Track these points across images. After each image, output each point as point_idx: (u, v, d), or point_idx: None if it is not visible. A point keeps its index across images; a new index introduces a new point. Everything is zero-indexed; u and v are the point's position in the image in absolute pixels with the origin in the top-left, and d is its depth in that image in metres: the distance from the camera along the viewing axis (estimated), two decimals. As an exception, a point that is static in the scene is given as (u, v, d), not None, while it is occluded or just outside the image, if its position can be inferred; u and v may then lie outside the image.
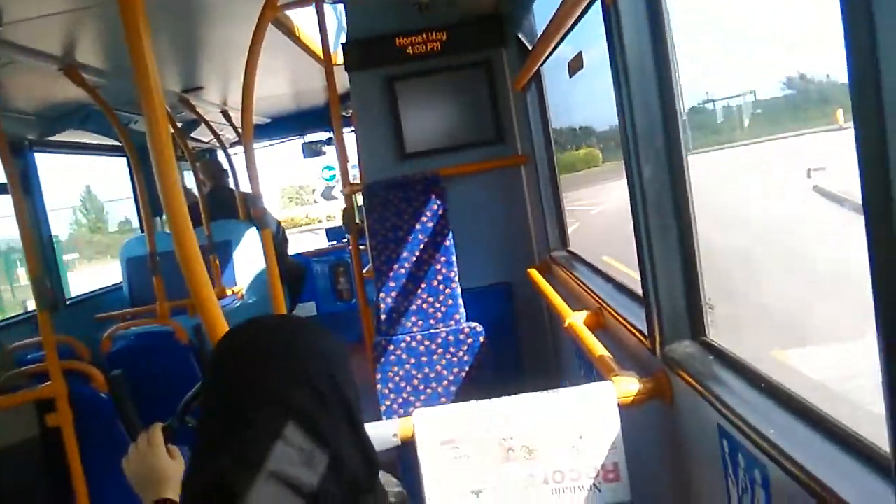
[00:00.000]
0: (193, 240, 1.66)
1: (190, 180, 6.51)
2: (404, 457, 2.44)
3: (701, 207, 1.73)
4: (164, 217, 1.70)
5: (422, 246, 3.74)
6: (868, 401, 1.25)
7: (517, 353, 4.01)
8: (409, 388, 3.69)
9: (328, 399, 1.11)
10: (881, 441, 0.97)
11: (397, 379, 3.68)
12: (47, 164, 5.25)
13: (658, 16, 1.69)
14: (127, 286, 5.71)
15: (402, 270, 3.76)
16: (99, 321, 5.09)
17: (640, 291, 1.93)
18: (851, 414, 1.20)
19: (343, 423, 1.12)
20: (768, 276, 2.72)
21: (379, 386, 3.67)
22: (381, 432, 1.85)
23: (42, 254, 4.73)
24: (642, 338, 1.95)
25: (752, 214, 3.16)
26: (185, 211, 1.65)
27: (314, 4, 3.65)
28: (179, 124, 5.88)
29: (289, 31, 3.90)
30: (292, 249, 7.27)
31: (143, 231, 5.55)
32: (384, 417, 3.60)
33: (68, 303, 5.18)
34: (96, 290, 5.84)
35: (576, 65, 2.49)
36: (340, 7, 4.06)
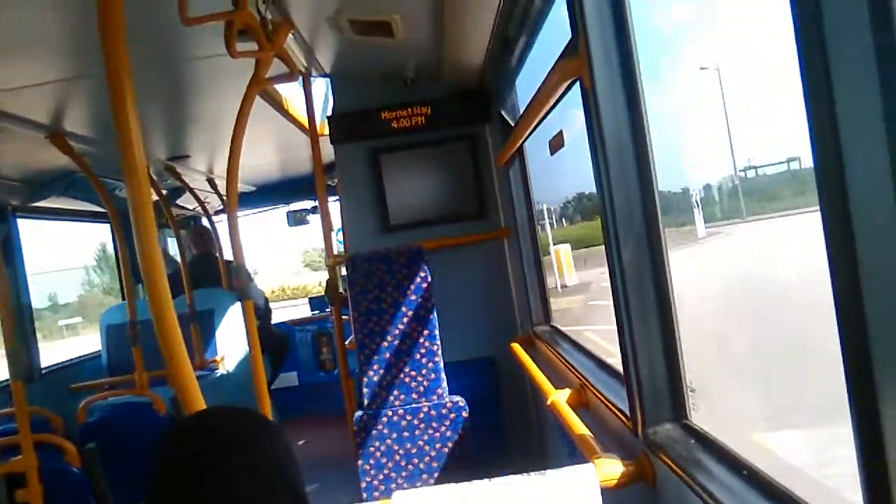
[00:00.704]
0: (171, 309, 1.65)
1: (173, 248, 6.48)
2: None
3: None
4: (145, 285, 1.70)
5: (405, 318, 3.72)
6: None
7: (500, 427, 3.96)
8: (390, 464, 3.62)
9: (279, 494, 1.13)
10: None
11: (378, 454, 3.61)
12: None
13: (635, 98, 1.72)
14: (105, 354, 5.62)
15: (385, 343, 3.73)
16: (75, 391, 4.99)
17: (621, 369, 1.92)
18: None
19: None
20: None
21: (360, 461, 3.60)
22: None
23: (19, 323, 4.66)
24: (624, 419, 1.92)
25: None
26: (164, 279, 1.65)
27: (301, 79, 3.71)
28: (165, 191, 5.88)
29: (276, 102, 3.96)
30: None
31: (124, 298, 5.49)
32: (364, 494, 3.52)
33: (44, 371, 5.08)
34: (73, 359, 5.73)
35: (557, 143, 2.52)
36: (327, 80, 4.13)
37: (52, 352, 5.66)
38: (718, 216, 3.60)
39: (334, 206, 5.16)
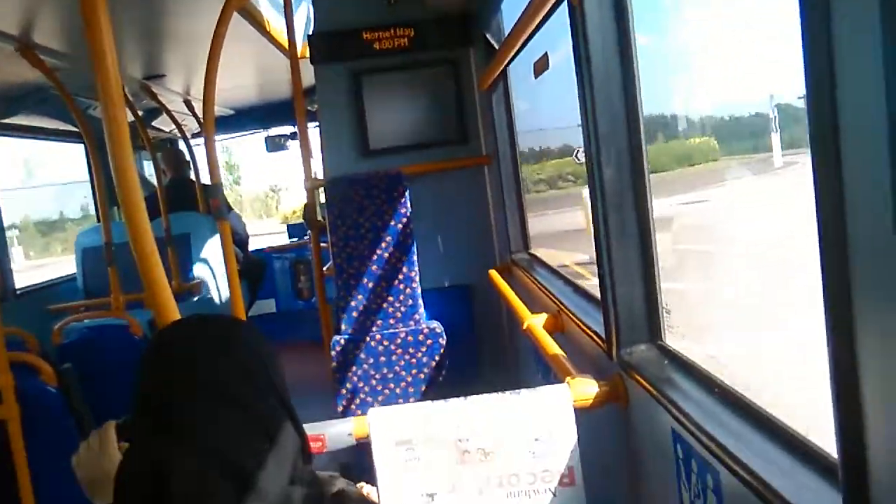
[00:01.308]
0: (149, 232, 1.63)
1: (150, 170, 6.38)
2: (360, 456, 2.42)
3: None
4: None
5: (383, 244, 3.71)
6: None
7: (476, 354, 4.00)
8: (366, 389, 3.66)
9: (265, 393, 1.14)
10: (830, 447, 0.97)
11: (355, 379, 3.65)
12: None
13: (624, 16, 1.69)
14: (81, 277, 5.57)
15: (363, 269, 3.72)
16: (51, 313, 4.96)
17: (598, 295, 1.93)
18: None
19: (280, 414, 1.14)
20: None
21: (337, 385, 3.63)
22: (337, 430, 1.83)
23: None
24: (599, 341, 1.94)
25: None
26: (141, 202, 1.62)
27: None
28: (140, 112, 5.75)
29: (255, 20, 3.85)
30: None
31: (99, 220, 5.42)
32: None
33: (18, 293, 5.04)
34: (48, 281, 5.69)
35: (541, 66, 2.48)
36: (308, -1, 4.02)
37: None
38: (798, 143, 2.81)
39: (313, 132, 5.09)
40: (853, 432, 0.82)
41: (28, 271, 11.84)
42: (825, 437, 1.03)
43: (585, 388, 1.78)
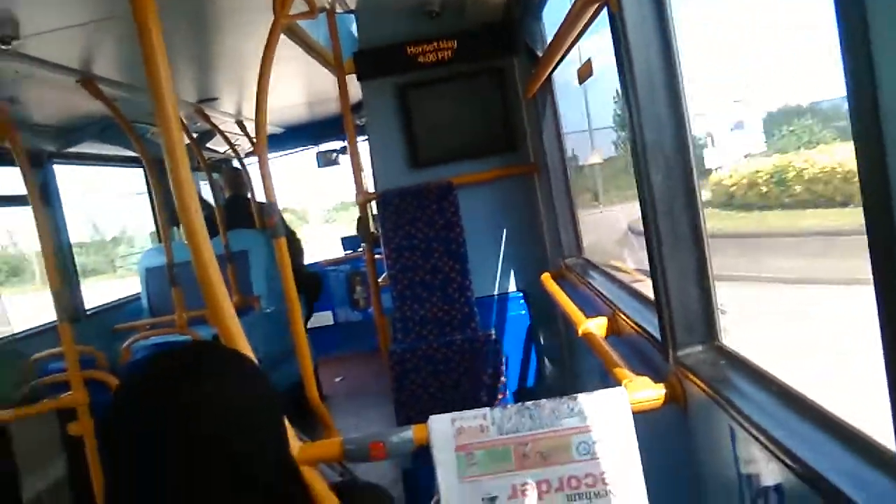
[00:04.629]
0: (210, 249, 1.67)
1: (206, 191, 6.56)
2: (421, 463, 2.46)
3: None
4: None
5: (436, 254, 3.75)
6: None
7: (532, 360, 4.01)
8: (425, 397, 3.70)
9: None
10: (889, 442, 0.98)
11: (414, 387, 3.69)
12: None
13: (665, 21, 1.70)
14: (146, 297, 5.76)
15: (417, 279, 3.78)
16: (117, 332, 5.14)
17: (653, 297, 1.93)
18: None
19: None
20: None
21: (396, 395, 3.68)
22: (397, 438, 1.86)
23: (62, 265, 4.78)
24: (656, 343, 1.95)
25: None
26: (201, 220, 1.66)
27: (325, 14, 3.68)
28: (195, 134, 5.92)
29: (301, 40, 3.94)
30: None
31: (160, 241, 5.60)
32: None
33: (88, 313, 5.23)
34: (115, 301, 5.89)
35: (585, 71, 2.50)
36: (353, 16, 4.09)
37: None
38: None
39: (363, 146, 5.17)
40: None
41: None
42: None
43: (643, 391, 1.79)
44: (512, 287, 4.05)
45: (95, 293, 5.93)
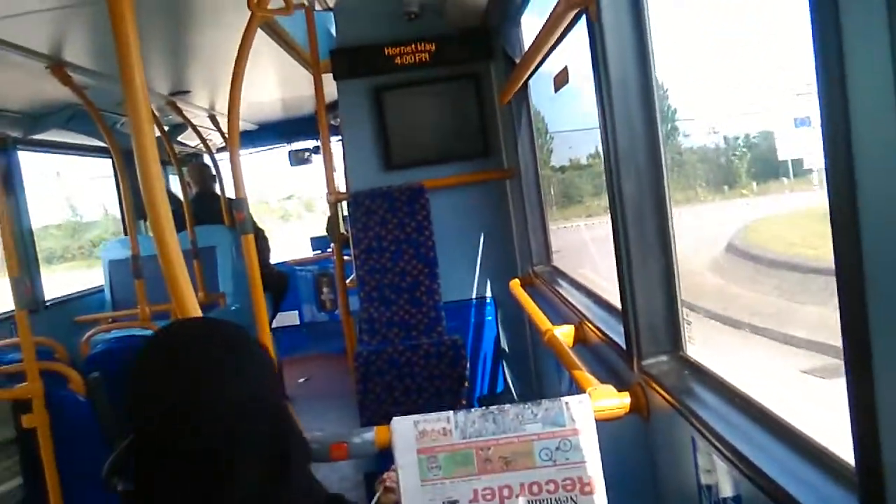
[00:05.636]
0: (176, 244, 1.65)
1: (175, 185, 6.48)
2: (383, 466, 2.44)
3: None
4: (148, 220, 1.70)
5: (406, 257, 3.74)
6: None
7: (498, 366, 4.01)
8: (389, 400, 3.68)
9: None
10: (847, 455, 0.98)
11: (378, 390, 3.67)
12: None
13: (642, 31, 1.71)
14: (108, 289, 5.66)
15: (386, 281, 3.76)
16: (78, 324, 5.04)
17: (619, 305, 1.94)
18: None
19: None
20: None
21: (360, 397, 3.66)
22: (360, 439, 1.85)
23: (22, 253, 4.69)
24: (621, 352, 1.96)
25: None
26: (168, 215, 1.65)
27: (304, 11, 3.66)
28: (166, 127, 5.84)
29: (278, 36, 3.91)
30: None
31: (126, 233, 5.51)
32: (364, 427, 3.59)
33: (47, 304, 5.13)
34: (76, 293, 5.78)
35: (561, 79, 2.51)
36: (331, 15, 4.07)
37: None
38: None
39: (336, 146, 5.14)
40: (869, 441, 0.83)
41: None
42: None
43: (606, 399, 1.79)
44: (481, 293, 4.05)
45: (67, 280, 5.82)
